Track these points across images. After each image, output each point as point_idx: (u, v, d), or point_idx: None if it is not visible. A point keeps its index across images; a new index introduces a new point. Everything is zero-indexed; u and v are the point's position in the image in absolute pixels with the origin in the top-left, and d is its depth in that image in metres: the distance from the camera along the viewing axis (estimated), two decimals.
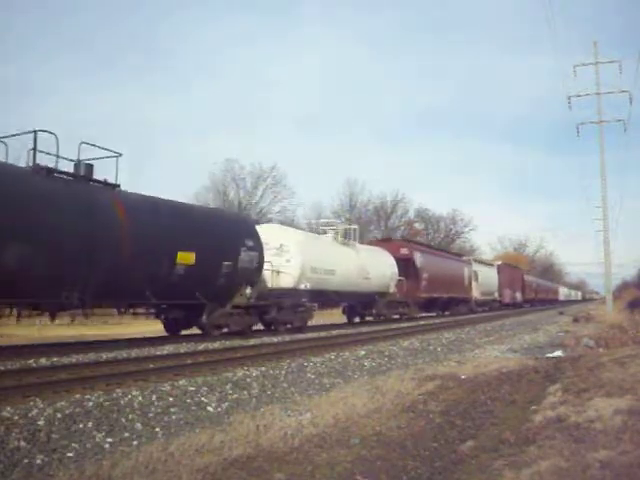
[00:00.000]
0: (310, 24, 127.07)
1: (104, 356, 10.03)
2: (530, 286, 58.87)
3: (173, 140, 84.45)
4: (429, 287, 27.64)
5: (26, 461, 4.52)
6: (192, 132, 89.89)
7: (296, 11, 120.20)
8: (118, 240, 11.08)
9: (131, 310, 13.39)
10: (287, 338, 14.54)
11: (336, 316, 25.64)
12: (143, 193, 12.78)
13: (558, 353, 12.62)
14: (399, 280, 24.35)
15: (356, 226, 24.81)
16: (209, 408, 6.70)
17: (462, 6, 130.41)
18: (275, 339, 14.22)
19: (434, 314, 31.26)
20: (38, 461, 4.54)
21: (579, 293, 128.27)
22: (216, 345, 12.30)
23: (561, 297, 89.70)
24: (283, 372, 9.12)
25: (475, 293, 36.28)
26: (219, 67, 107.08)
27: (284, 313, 16.64)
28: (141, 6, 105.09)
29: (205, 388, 7.46)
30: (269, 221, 37.03)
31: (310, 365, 9.99)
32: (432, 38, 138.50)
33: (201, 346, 11.98)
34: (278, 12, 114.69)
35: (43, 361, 9.23)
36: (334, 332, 17.61)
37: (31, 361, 9.13)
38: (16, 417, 5.36)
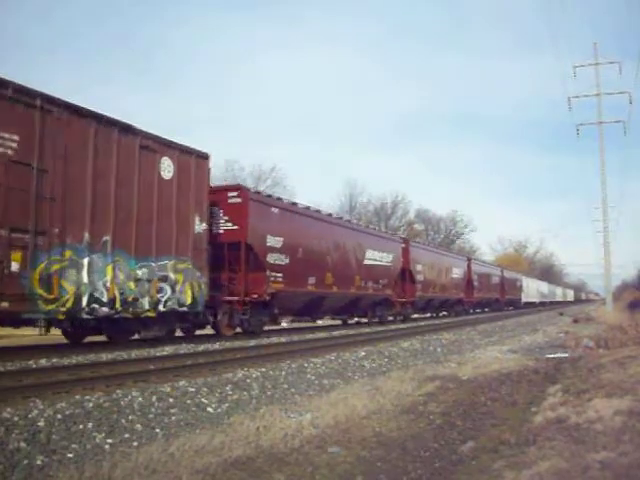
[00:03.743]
0: (310, 25, 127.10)
1: (104, 357, 10.04)
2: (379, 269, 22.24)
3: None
4: None
5: (26, 462, 4.52)
6: (191, 132, 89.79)
7: (298, 13, 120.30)
8: None
9: None
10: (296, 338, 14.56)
11: None
12: None
13: (558, 354, 12.60)
14: None
15: None
16: (209, 409, 6.69)
17: (462, 7, 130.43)
18: (276, 340, 14.24)
19: None
20: (38, 462, 4.54)
21: (570, 292, 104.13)
22: (216, 346, 12.31)
23: (530, 298, 56.81)
24: (283, 373, 9.12)
25: None
26: (219, 67, 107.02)
27: None
28: (142, 6, 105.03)
29: (205, 389, 7.45)
30: None
31: (310, 366, 9.98)
32: (433, 39, 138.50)
33: (201, 347, 11.99)
34: (280, 14, 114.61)
35: (43, 362, 9.22)
36: (335, 333, 17.65)
37: (31, 362, 9.13)
38: (16, 418, 5.35)
